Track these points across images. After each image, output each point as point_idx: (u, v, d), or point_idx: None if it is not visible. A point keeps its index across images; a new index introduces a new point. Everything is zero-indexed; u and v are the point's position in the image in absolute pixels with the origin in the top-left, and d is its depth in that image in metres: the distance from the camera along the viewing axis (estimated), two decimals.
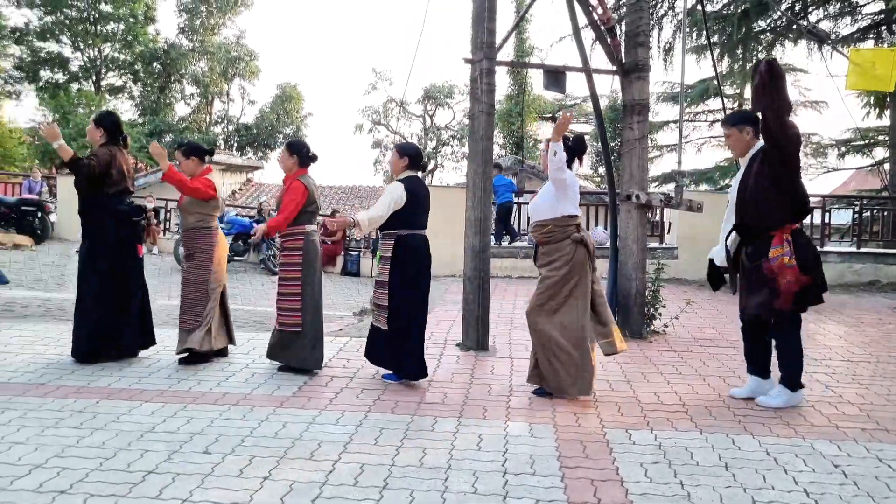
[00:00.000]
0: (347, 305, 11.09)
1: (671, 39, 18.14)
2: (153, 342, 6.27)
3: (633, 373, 5.99)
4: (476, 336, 6.78)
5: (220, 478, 3.59)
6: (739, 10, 16.81)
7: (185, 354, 5.97)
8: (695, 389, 5.50)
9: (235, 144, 37.38)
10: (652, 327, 7.64)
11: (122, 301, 5.98)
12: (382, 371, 5.71)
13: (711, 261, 5.47)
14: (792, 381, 5.03)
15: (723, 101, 12.47)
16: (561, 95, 30.64)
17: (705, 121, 25.50)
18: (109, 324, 5.92)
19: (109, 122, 6.05)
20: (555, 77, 7.39)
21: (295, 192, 5.74)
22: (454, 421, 4.58)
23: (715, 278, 5.50)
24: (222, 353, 6.21)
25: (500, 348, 6.85)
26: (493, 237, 13.42)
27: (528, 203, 13.66)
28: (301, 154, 5.90)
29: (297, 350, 5.75)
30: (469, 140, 7.01)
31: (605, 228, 13.69)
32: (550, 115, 34.04)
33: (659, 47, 18.32)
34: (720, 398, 5.24)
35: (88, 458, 3.81)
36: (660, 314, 7.73)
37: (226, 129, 37.79)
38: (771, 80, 4.72)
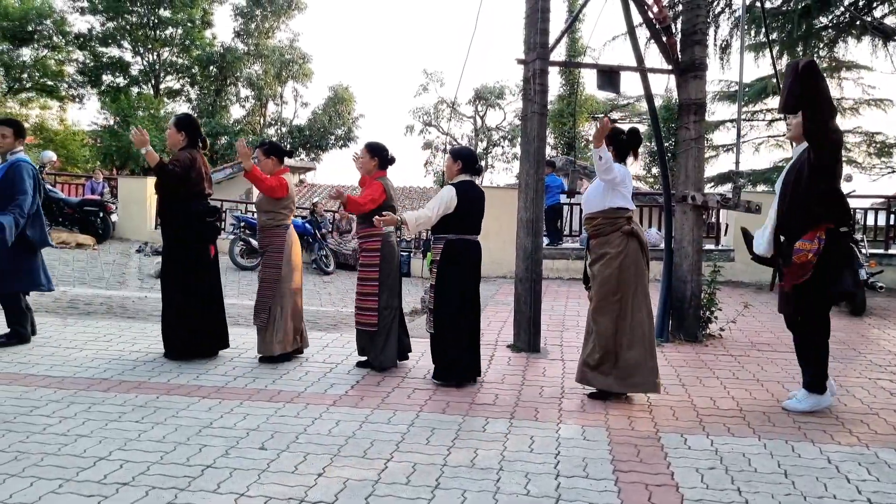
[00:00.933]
0: None
1: (728, 37, 17.78)
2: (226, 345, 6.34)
3: (689, 377, 5.90)
4: (528, 337, 6.75)
5: (275, 473, 3.65)
6: (800, 7, 16.41)
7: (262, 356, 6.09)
8: (752, 395, 5.39)
9: (288, 146, 37.88)
10: (707, 331, 7.51)
11: (202, 302, 6.09)
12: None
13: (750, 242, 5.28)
14: (814, 384, 4.90)
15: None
16: (614, 95, 30.36)
17: (763, 120, 24.95)
18: (202, 322, 6.08)
19: (188, 125, 6.15)
20: (609, 77, 7.32)
21: (375, 189, 5.82)
22: (506, 422, 4.58)
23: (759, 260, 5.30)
24: (297, 351, 6.28)
25: (552, 350, 6.82)
26: (546, 238, 13.37)
27: (580, 203, 13.57)
28: (381, 156, 5.99)
29: (374, 349, 5.88)
30: (521, 141, 6.98)
31: (659, 230, 13.51)
32: (603, 114, 33.78)
33: (715, 45, 17.97)
34: (779, 404, 5.12)
35: (149, 451, 3.92)
36: (716, 317, 7.59)
37: (279, 131, 38.30)
38: (812, 80, 4.46)
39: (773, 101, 23.42)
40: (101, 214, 16.15)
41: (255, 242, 15.18)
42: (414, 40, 79.58)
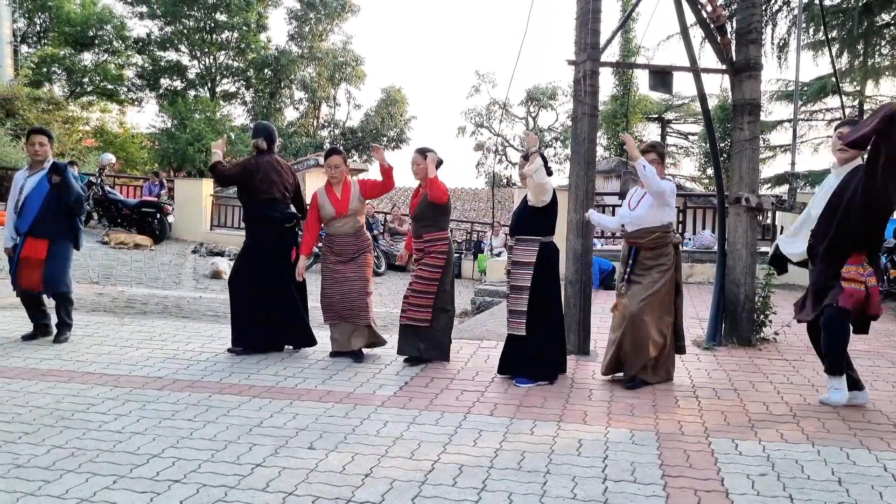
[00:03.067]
0: None
1: (786, 36, 17.43)
2: (309, 342, 6.54)
3: (741, 381, 5.78)
4: (577, 340, 6.70)
5: (323, 473, 3.69)
6: (860, 4, 15.98)
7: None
8: (806, 400, 5.26)
9: (341, 148, 38.31)
10: (761, 334, 7.35)
11: (269, 302, 6.30)
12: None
13: (777, 247, 5.60)
14: (833, 367, 4.97)
15: (841, 99, 11.85)
16: (668, 96, 29.87)
17: (822, 120, 24.29)
18: (255, 322, 6.30)
19: (255, 133, 6.52)
20: (661, 77, 7.22)
21: (442, 186, 6.05)
22: (554, 425, 4.55)
23: (781, 263, 5.65)
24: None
25: (602, 353, 6.73)
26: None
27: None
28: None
29: (431, 342, 6.06)
30: (572, 142, 6.93)
31: (713, 232, 13.27)
32: (657, 115, 33.29)
33: (773, 44, 17.68)
34: (833, 409, 4.98)
35: (201, 449, 3.99)
36: (770, 321, 7.43)
37: (332, 133, 38.68)
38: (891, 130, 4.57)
39: (833, 101, 22.79)
40: (158, 216, 16.53)
41: None
42: (466, 42, 79.70)
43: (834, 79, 14.56)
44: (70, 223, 6.52)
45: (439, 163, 6.14)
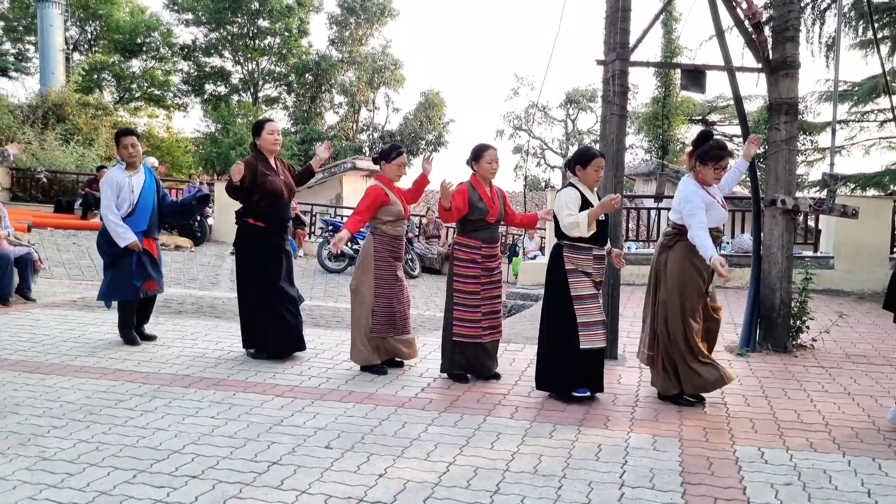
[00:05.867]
0: None
1: (834, 34, 16.99)
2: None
3: (773, 388, 5.64)
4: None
5: (338, 472, 3.69)
6: None
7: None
8: (841, 409, 5.10)
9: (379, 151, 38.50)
10: (798, 341, 7.17)
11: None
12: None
13: None
14: None
15: (891, 100, 11.47)
16: (710, 96, 29.39)
17: (874, 121, 23.64)
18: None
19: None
20: (694, 77, 7.09)
21: None
22: (574, 429, 4.49)
23: None
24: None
25: (629, 357, 6.64)
26: None
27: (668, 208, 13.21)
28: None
29: (494, 357, 5.73)
30: (600, 144, 6.82)
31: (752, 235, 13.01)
32: (701, 117, 32.78)
33: (820, 42, 17.30)
34: (870, 419, 4.83)
35: (220, 446, 4.03)
36: (807, 327, 7.23)
37: (371, 137, 38.92)
38: None
39: (885, 101, 22.13)
40: (199, 218, 16.75)
41: None
42: (506, 45, 79.57)
43: (884, 79, 14.14)
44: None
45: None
